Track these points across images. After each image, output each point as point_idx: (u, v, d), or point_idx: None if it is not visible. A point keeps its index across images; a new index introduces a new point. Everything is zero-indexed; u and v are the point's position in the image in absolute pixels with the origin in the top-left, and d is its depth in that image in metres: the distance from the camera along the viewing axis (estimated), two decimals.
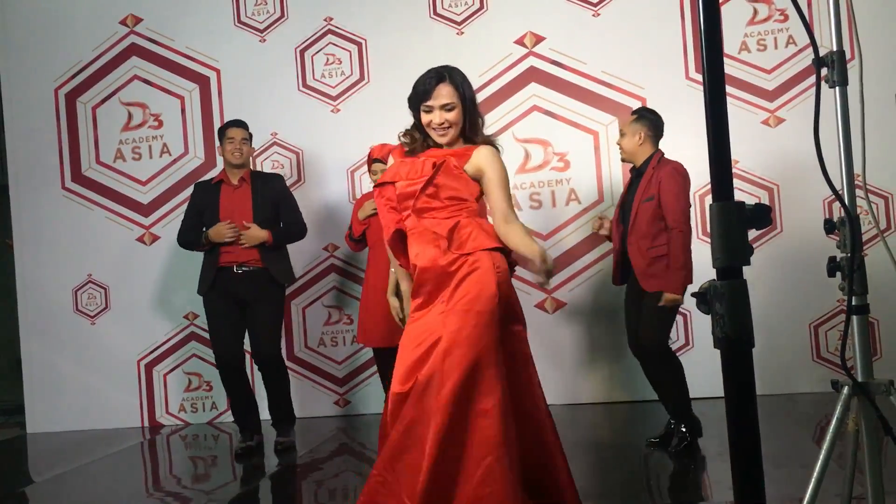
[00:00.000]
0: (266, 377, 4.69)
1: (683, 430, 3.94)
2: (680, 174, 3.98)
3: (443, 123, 2.88)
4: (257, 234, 4.53)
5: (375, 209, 4.39)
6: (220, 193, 4.65)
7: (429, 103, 2.88)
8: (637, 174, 4.12)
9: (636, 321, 4.06)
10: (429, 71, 2.95)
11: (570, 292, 5.41)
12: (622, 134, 4.17)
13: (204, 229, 4.58)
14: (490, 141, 2.99)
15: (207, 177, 5.24)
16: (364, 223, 4.66)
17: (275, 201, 4.66)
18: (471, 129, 2.96)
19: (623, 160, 4.24)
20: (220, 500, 3.89)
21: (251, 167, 4.92)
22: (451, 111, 2.88)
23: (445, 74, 2.91)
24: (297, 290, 5.68)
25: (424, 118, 2.90)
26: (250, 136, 4.74)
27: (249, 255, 4.54)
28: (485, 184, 2.92)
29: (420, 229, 2.89)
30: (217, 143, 4.98)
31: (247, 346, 4.72)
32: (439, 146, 2.95)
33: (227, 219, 4.56)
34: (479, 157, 2.91)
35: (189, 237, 4.69)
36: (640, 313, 4.01)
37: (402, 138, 3.03)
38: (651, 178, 4.00)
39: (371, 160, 4.60)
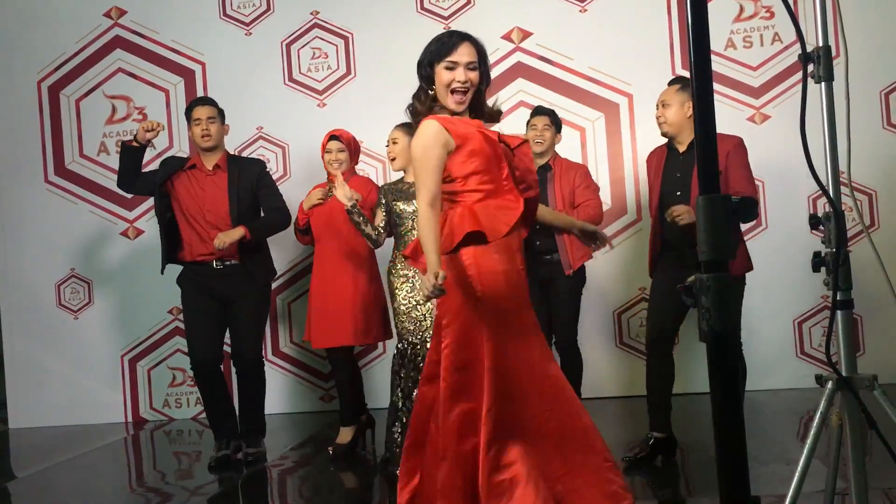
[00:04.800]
0: (243, 382, 4.36)
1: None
2: (744, 147, 3.67)
3: (465, 83, 2.73)
4: (230, 235, 4.09)
5: (321, 199, 4.24)
6: (193, 179, 4.27)
7: (453, 59, 2.72)
8: (687, 148, 3.74)
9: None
10: (448, 31, 2.84)
11: None
12: (665, 105, 3.73)
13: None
14: (499, 116, 2.95)
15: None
16: (308, 213, 4.29)
17: (253, 189, 4.30)
18: (479, 101, 2.86)
19: (664, 134, 3.78)
20: (204, 496, 3.88)
21: (226, 151, 4.46)
22: (474, 71, 2.76)
23: (469, 35, 2.81)
24: (284, 285, 5.66)
25: (445, 76, 2.73)
26: (220, 113, 4.35)
27: (225, 251, 4.16)
28: None
29: None
30: (179, 116, 4.58)
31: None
32: (451, 114, 2.79)
33: (199, 208, 4.22)
34: None
35: (125, 165, 4.22)
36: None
37: (410, 109, 2.86)
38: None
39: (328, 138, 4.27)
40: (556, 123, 4.33)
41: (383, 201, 4.00)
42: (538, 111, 4.38)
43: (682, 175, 3.70)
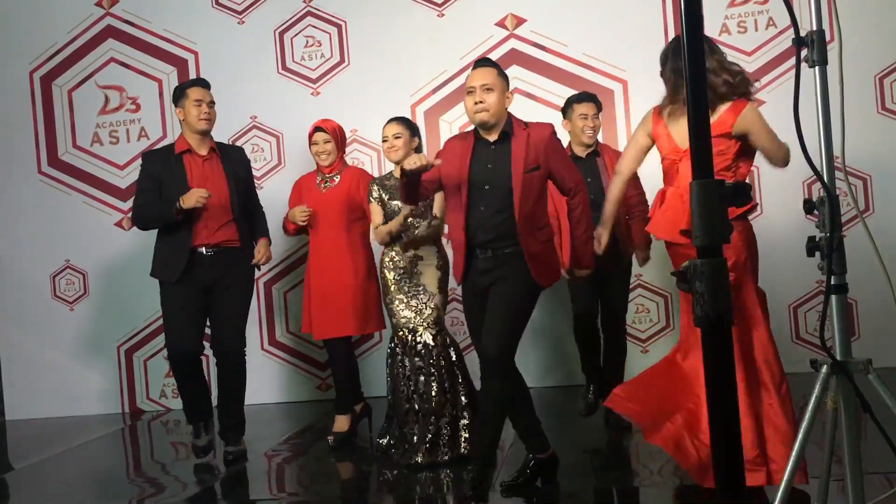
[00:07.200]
0: (223, 372, 4.16)
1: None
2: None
3: None
4: (267, 250, 4.21)
5: (304, 219, 4.15)
6: (186, 165, 4.06)
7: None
8: (499, 139, 3.28)
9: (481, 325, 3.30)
10: None
11: None
12: (487, 90, 3.24)
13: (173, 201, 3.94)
14: None
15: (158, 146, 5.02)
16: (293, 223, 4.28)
17: (243, 177, 4.20)
18: None
19: (481, 123, 3.27)
20: (201, 485, 3.88)
21: (211, 136, 4.24)
22: None
23: None
24: (279, 275, 5.66)
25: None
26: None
27: (224, 236, 4.05)
28: None
29: None
30: (172, 106, 4.26)
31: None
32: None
33: None
34: None
35: (151, 212, 4.04)
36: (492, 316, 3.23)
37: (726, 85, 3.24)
38: (527, 142, 3.24)
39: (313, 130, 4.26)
40: (598, 107, 4.31)
41: (376, 195, 3.98)
42: (584, 97, 4.26)
43: (495, 167, 3.26)
